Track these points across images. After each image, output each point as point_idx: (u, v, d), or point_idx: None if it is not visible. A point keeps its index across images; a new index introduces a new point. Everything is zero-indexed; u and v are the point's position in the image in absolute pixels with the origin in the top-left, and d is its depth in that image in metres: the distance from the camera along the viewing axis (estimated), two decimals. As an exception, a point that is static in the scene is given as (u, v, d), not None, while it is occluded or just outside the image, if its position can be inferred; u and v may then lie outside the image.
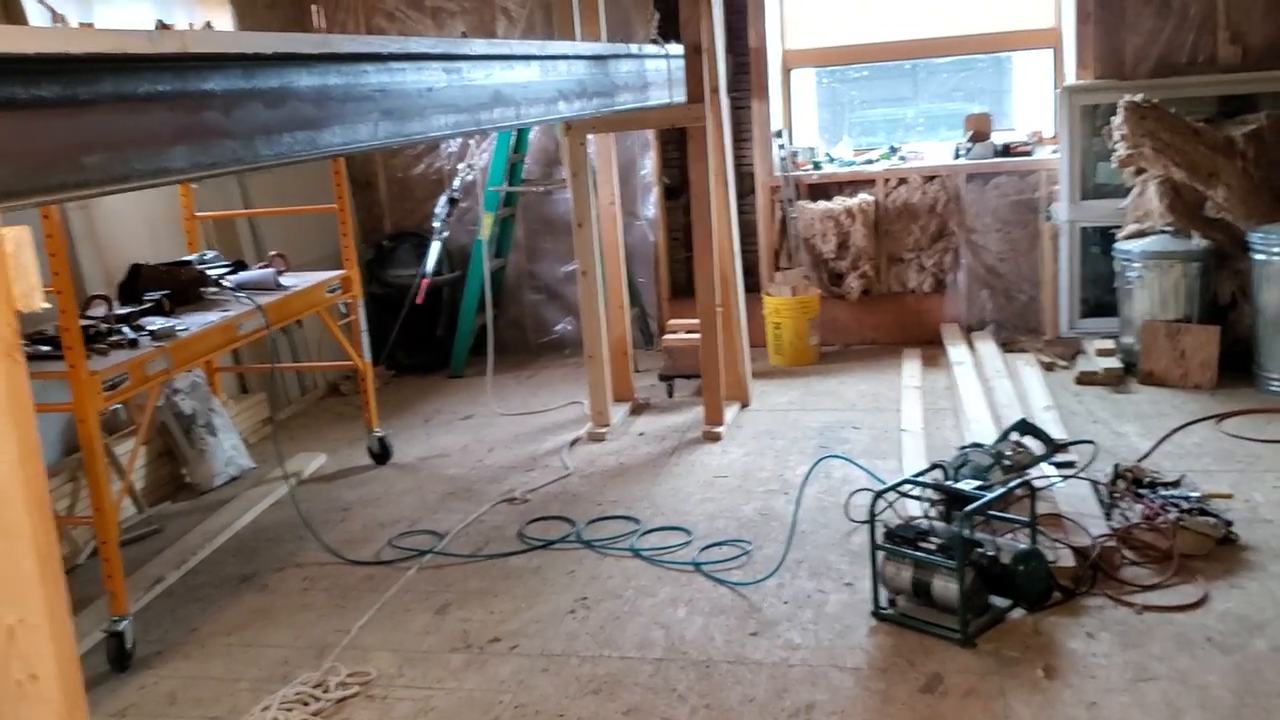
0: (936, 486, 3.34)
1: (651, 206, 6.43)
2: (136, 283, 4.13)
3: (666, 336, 5.64)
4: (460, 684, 3.02)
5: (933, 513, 3.34)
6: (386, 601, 3.55)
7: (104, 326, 3.57)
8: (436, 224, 5.74)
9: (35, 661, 1.08)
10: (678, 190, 6.48)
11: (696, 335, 5.15)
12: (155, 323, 3.71)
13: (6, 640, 1.05)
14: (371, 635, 3.33)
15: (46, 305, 1.05)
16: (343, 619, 3.45)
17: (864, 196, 6.16)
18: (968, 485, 3.29)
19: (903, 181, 6.15)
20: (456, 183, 6.01)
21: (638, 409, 5.43)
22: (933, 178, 6.10)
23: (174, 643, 3.40)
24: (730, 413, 5.11)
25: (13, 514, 1.08)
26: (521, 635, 3.26)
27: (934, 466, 3.49)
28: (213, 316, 3.92)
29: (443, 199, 5.76)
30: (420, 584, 3.67)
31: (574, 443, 4.99)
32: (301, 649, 3.29)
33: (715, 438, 4.86)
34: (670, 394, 5.58)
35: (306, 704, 2.96)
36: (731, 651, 3.07)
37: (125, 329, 3.59)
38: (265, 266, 4.63)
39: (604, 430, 5.04)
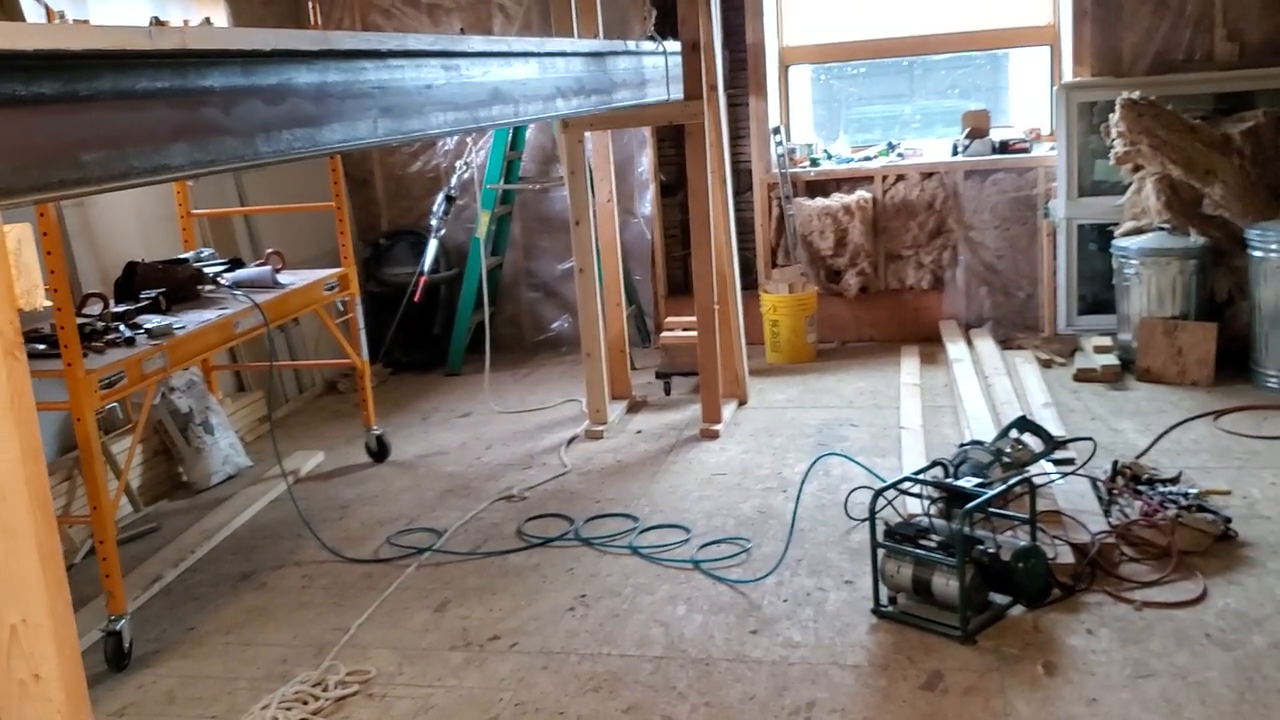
0: (936, 484, 3.34)
1: (648, 204, 6.42)
2: (132, 281, 4.12)
3: (663, 334, 5.64)
4: (460, 682, 3.02)
5: (933, 510, 3.34)
6: (385, 599, 3.54)
7: (100, 325, 3.55)
8: (434, 222, 5.73)
9: (38, 661, 1.07)
10: (674, 187, 6.47)
11: (694, 333, 5.15)
12: (151, 321, 3.70)
13: (9, 640, 1.05)
14: (370, 633, 3.33)
15: (49, 303, 1.04)
16: (341, 617, 3.44)
17: (862, 193, 6.16)
18: (967, 482, 3.29)
19: (901, 178, 6.15)
20: (453, 180, 6.00)
21: (635, 407, 5.43)
22: (931, 174, 6.10)
23: (172, 641, 3.39)
24: (728, 410, 5.10)
25: (14, 513, 1.07)
26: (521, 633, 3.25)
27: (934, 464, 3.49)
28: (209, 314, 3.90)
29: (440, 197, 5.75)
30: (419, 582, 3.66)
31: (571, 440, 4.98)
32: (300, 647, 3.28)
33: (713, 435, 4.86)
34: (667, 392, 5.58)
35: (306, 703, 2.95)
36: (731, 649, 3.07)
37: (121, 327, 3.58)
38: (262, 264, 4.61)
39: (601, 428, 5.03)
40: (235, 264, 4.64)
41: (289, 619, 3.48)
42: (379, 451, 4.90)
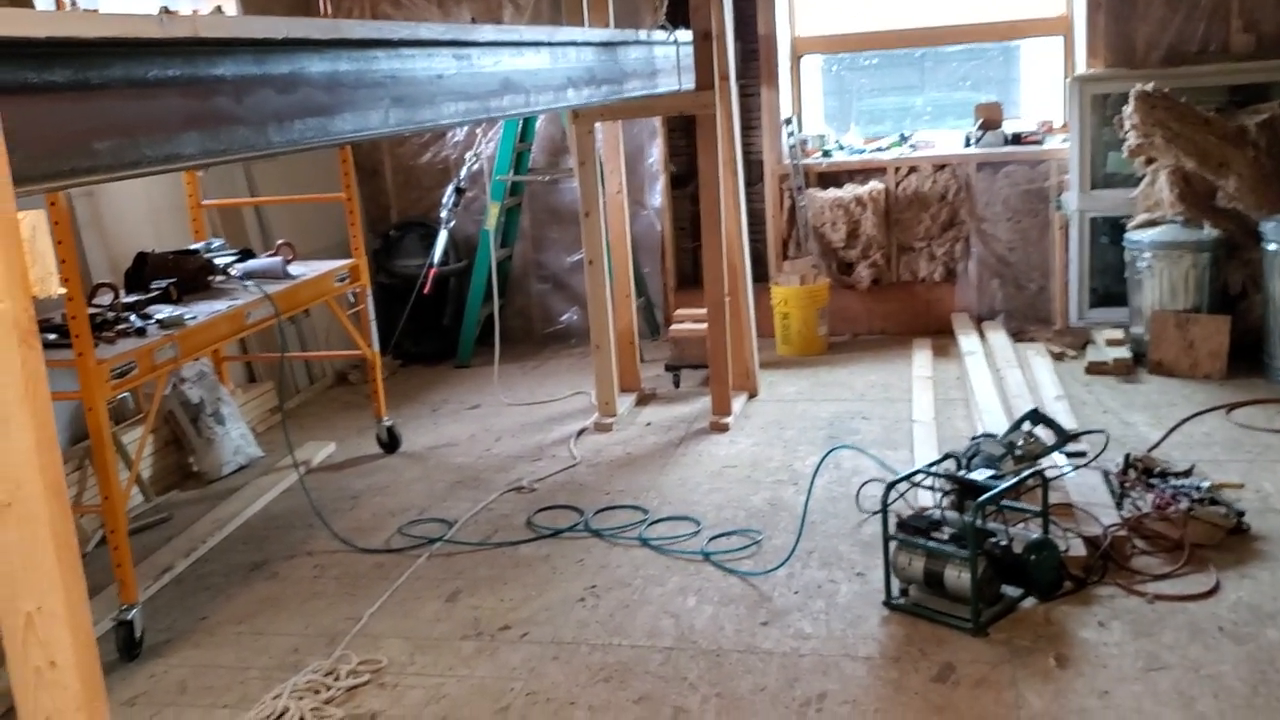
0: (949, 477, 3.33)
1: (658, 195, 6.41)
2: (143, 271, 4.12)
3: (673, 327, 5.63)
4: (471, 671, 3.02)
5: (945, 503, 3.33)
6: (397, 589, 3.55)
7: (111, 315, 3.56)
8: (443, 213, 5.73)
9: (54, 649, 1.08)
10: (684, 179, 6.45)
11: (703, 325, 5.14)
12: (162, 311, 3.71)
13: (25, 627, 1.05)
14: (382, 623, 3.33)
15: (63, 291, 1.04)
16: (353, 607, 3.45)
17: (874, 185, 6.13)
18: (980, 475, 3.28)
19: (913, 170, 6.12)
20: (463, 172, 5.99)
21: (644, 399, 5.42)
22: (943, 166, 6.07)
23: (183, 631, 3.40)
24: (738, 403, 5.09)
25: (30, 501, 1.07)
26: (532, 623, 3.25)
27: (946, 457, 3.48)
28: (220, 305, 3.91)
29: (449, 188, 5.75)
30: (430, 572, 3.67)
31: (581, 433, 4.98)
32: (312, 637, 3.28)
33: (723, 428, 4.85)
34: (677, 384, 5.57)
35: (318, 692, 2.96)
36: (742, 641, 3.06)
37: (133, 317, 3.59)
38: (273, 255, 4.62)
39: (610, 420, 5.03)
40: (246, 255, 4.64)
41: (301, 609, 3.48)
42: (389, 443, 4.91)
